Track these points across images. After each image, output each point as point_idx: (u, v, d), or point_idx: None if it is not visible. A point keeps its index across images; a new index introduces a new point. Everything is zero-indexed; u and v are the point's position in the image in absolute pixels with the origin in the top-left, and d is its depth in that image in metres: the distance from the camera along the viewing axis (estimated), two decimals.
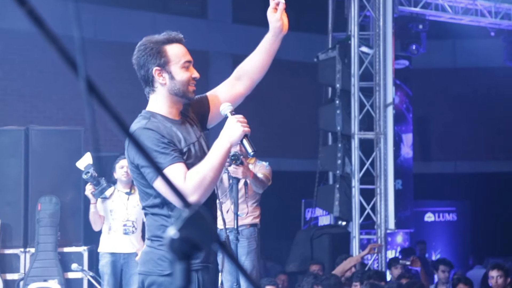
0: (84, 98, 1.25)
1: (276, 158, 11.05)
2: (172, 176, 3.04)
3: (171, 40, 3.34)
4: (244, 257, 6.78)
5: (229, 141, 3.24)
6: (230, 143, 3.23)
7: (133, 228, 7.20)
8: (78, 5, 1.33)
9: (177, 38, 3.37)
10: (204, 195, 3.09)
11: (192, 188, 3.06)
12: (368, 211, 9.75)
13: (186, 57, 3.33)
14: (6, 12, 10.34)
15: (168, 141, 3.18)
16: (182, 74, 3.29)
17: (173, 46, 3.33)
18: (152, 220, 3.31)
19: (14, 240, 7.85)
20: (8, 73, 10.70)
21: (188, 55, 3.34)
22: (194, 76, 3.33)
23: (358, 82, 9.84)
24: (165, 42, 3.33)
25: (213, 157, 3.18)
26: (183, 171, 3.11)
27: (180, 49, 3.34)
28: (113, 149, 9.04)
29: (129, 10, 12.38)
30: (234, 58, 13.61)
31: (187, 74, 3.31)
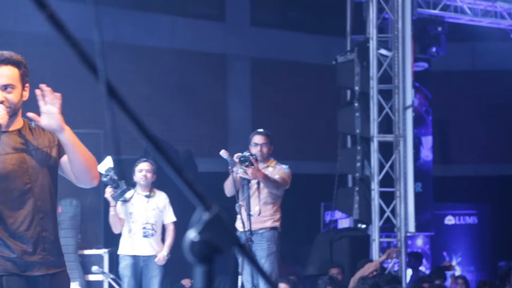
0: (104, 101, 1.26)
1: (295, 161, 11.02)
2: None
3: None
4: (263, 259, 6.78)
5: None
6: None
7: (152, 231, 7.22)
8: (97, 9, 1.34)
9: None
10: None
11: None
12: (388, 214, 9.71)
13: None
14: (26, 15, 10.42)
15: None
16: None
17: None
18: None
19: None
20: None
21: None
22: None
23: (377, 85, 9.81)
24: None
25: None
26: None
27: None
28: (132, 152, 9.08)
29: (148, 14, 12.43)
30: (252, 60, 13.62)
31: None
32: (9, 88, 3.41)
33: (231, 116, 13.35)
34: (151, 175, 7.30)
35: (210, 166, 10.36)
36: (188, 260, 1.26)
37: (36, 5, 1.20)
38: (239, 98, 13.40)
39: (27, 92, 3.52)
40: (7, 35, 10.06)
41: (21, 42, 10.55)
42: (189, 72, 12.57)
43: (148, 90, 11.83)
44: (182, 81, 12.44)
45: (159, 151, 1.28)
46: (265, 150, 7.01)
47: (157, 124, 11.10)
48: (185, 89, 12.55)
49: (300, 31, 13.98)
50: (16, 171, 3.43)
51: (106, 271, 7.64)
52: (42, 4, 1.20)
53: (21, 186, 3.44)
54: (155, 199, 7.31)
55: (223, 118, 13.28)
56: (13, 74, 3.44)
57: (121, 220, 7.19)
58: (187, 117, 12.63)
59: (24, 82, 3.50)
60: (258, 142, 7.02)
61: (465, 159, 14.84)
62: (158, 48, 12.40)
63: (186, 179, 1.28)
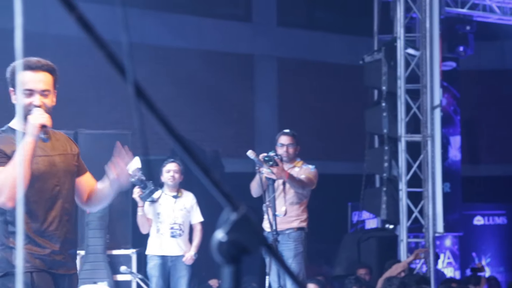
0: (132, 102, 1.27)
1: (322, 161, 11.00)
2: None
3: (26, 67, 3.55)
4: (290, 260, 6.78)
5: (28, 134, 3.45)
6: (30, 136, 3.44)
7: (180, 231, 7.25)
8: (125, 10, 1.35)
9: (32, 66, 3.58)
10: (13, 193, 3.37)
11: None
12: (416, 214, 9.66)
13: (27, 85, 3.54)
14: (55, 18, 10.52)
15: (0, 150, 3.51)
16: (22, 100, 3.55)
17: (22, 73, 3.56)
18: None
19: None
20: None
21: (33, 84, 3.55)
22: (35, 103, 3.54)
23: (404, 84, 9.76)
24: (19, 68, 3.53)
25: (16, 155, 3.45)
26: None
27: (26, 77, 3.55)
28: (160, 153, 9.11)
29: (175, 15, 12.48)
30: (279, 61, 13.61)
31: (27, 100, 3.54)
32: (45, 94, 3.59)
33: (257, 116, 13.35)
34: (179, 175, 7.33)
35: (237, 167, 10.38)
36: (215, 261, 1.27)
37: (65, 7, 1.21)
38: (265, 99, 13.40)
39: (55, 98, 3.70)
40: (36, 38, 10.16)
41: (50, 45, 10.65)
42: (216, 72, 12.60)
43: (175, 91, 11.87)
44: (209, 82, 12.47)
45: (187, 151, 1.29)
46: (291, 151, 7.01)
47: (184, 125, 11.14)
48: (212, 90, 12.58)
49: (327, 31, 13.94)
50: (48, 172, 3.61)
51: (134, 271, 7.68)
52: (71, 6, 1.21)
53: (52, 188, 3.62)
54: (182, 199, 7.34)
55: (250, 119, 13.29)
56: (49, 80, 3.62)
57: (149, 221, 7.23)
58: (214, 117, 12.66)
59: (55, 88, 3.68)
60: (284, 143, 7.02)
61: (494, 159, 14.70)
62: (185, 49, 12.44)
63: (213, 179, 1.29)
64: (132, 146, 8.34)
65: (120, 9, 1.35)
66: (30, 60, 3.58)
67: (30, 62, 3.57)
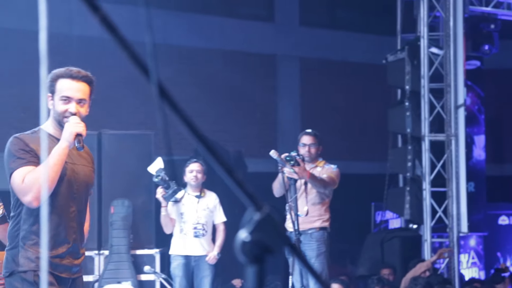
0: (155, 102, 1.27)
1: (345, 161, 10.97)
2: (15, 178, 3.57)
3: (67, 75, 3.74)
4: (313, 259, 6.77)
5: (64, 140, 3.61)
6: (66, 142, 3.60)
7: (203, 231, 7.26)
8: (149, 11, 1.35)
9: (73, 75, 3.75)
10: (41, 194, 3.50)
11: (27, 187, 3.53)
12: (440, 214, 9.61)
13: (66, 92, 3.70)
14: (79, 19, 10.58)
15: (30, 149, 3.62)
16: (58, 105, 3.71)
17: (62, 80, 3.72)
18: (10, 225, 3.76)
19: (89, 243, 7.97)
20: None
21: (72, 91, 3.71)
22: (71, 111, 3.70)
23: (428, 84, 9.71)
24: (60, 76, 3.73)
25: (50, 157, 3.58)
26: (25, 173, 3.56)
27: (65, 84, 3.72)
28: (183, 153, 9.14)
29: (198, 15, 12.51)
30: (301, 60, 13.60)
31: (64, 107, 3.70)
32: (82, 103, 3.74)
33: (280, 116, 13.35)
34: (202, 175, 7.34)
35: (260, 167, 10.38)
36: (239, 260, 1.27)
37: (89, 8, 1.22)
38: (288, 98, 13.39)
39: (88, 108, 3.84)
40: (61, 39, 10.24)
41: (74, 46, 10.73)
42: (238, 73, 12.61)
43: (198, 91, 11.90)
44: (232, 82, 12.48)
45: (210, 151, 1.29)
46: (313, 151, 7.00)
47: (207, 125, 11.17)
48: (234, 90, 12.59)
49: (349, 31, 13.90)
50: (69, 180, 3.72)
51: (158, 271, 7.71)
52: (95, 7, 1.22)
53: (69, 195, 3.73)
54: (205, 199, 7.36)
55: (272, 119, 13.29)
56: (86, 91, 3.77)
57: (172, 221, 7.25)
58: (236, 117, 12.67)
59: (90, 99, 3.83)
60: (306, 143, 7.01)
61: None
62: (208, 49, 12.47)
63: (237, 179, 1.29)
64: (155, 147, 8.41)
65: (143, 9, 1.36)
66: (72, 70, 3.75)
67: (71, 71, 3.74)
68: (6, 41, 10.41)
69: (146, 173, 7.11)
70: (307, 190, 6.82)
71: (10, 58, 10.24)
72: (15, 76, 10.17)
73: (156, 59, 1.29)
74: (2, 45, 10.35)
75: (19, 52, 9.96)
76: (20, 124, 3.92)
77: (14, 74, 10.19)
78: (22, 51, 9.40)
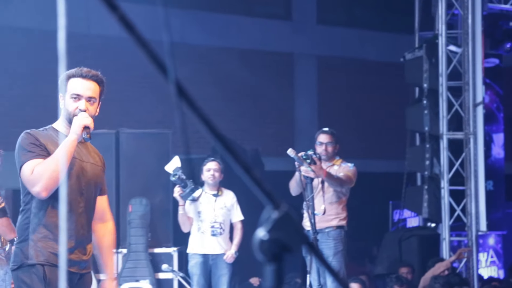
0: (173, 101, 1.27)
1: (363, 160, 10.94)
2: (25, 170, 3.66)
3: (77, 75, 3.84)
4: (330, 258, 6.76)
5: (72, 132, 3.70)
6: (74, 135, 3.68)
7: (220, 230, 7.28)
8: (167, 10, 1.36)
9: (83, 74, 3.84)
10: (49, 184, 3.59)
11: (35, 178, 3.62)
12: (458, 212, 9.56)
13: (76, 90, 3.79)
14: (97, 18, 10.63)
15: (40, 144, 3.71)
16: (69, 103, 3.80)
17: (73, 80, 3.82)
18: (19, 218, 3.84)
19: None
20: None
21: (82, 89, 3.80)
22: (80, 108, 3.77)
23: (446, 82, 9.66)
24: (71, 75, 3.82)
25: (58, 150, 3.66)
26: (34, 165, 3.64)
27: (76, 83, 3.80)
28: (200, 151, 9.16)
29: (214, 14, 12.52)
30: (319, 59, 13.57)
31: (74, 105, 3.78)
32: (91, 101, 3.82)
33: (297, 115, 13.33)
34: (219, 174, 7.35)
35: (277, 165, 10.37)
36: (257, 259, 1.27)
37: (107, 7, 1.23)
38: (305, 97, 13.37)
39: (99, 109, 3.92)
40: (79, 38, 10.28)
41: (92, 45, 10.78)
42: (256, 71, 12.61)
43: (215, 90, 11.91)
44: (249, 81, 12.48)
45: (228, 150, 1.29)
46: (330, 149, 6.99)
47: (224, 124, 11.18)
48: (252, 89, 12.59)
49: (367, 29, 13.86)
50: (77, 175, 3.79)
51: (175, 270, 7.73)
52: (113, 6, 1.22)
53: (78, 190, 3.79)
54: (222, 198, 7.36)
55: (289, 117, 13.28)
56: (96, 90, 3.85)
57: (190, 219, 7.26)
58: (254, 116, 12.67)
59: (100, 99, 3.90)
60: (323, 141, 7.01)
61: None
62: (225, 48, 12.48)
63: (254, 178, 1.29)
64: (173, 145, 8.42)
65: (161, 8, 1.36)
66: (82, 69, 3.84)
67: (81, 70, 3.83)
68: (25, 41, 10.47)
69: (163, 172, 7.13)
70: (324, 189, 6.81)
71: (29, 57, 10.31)
72: (34, 76, 10.23)
73: (174, 58, 1.30)
74: (22, 45, 10.42)
75: (38, 51, 10.02)
76: (37, 123, 3.94)
77: (33, 74, 10.25)
78: (41, 50, 9.45)
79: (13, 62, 10.20)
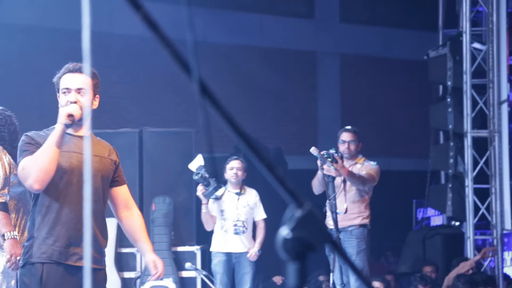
0: (197, 100, 1.28)
1: (386, 158, 10.91)
2: (19, 168, 3.74)
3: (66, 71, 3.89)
4: (353, 257, 6.74)
5: (58, 123, 3.73)
6: (60, 125, 3.72)
7: (243, 228, 7.28)
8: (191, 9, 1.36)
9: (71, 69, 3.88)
10: (39, 176, 3.64)
11: (26, 172, 3.68)
12: (483, 211, 9.50)
13: (64, 84, 3.84)
14: (120, 17, 10.68)
15: (35, 142, 3.76)
16: (62, 100, 3.86)
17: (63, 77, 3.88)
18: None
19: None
20: (122, 77, 11.04)
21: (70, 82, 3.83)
22: (70, 99, 3.80)
23: (470, 79, 9.60)
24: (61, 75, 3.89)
25: (46, 141, 3.71)
26: (26, 161, 3.70)
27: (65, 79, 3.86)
28: (223, 150, 9.18)
29: (238, 12, 12.53)
30: (342, 57, 13.54)
31: (65, 99, 3.82)
32: (81, 92, 3.82)
33: (320, 113, 13.31)
34: (242, 172, 7.36)
35: (299, 164, 10.37)
36: (280, 257, 1.27)
37: (131, 6, 1.23)
38: (328, 95, 13.35)
39: (97, 102, 3.92)
40: (102, 37, 10.34)
41: (116, 44, 10.84)
42: (278, 70, 12.61)
43: (237, 89, 11.93)
44: (272, 79, 12.48)
45: (251, 148, 1.29)
46: (352, 147, 6.97)
47: (247, 122, 11.19)
48: (274, 87, 12.59)
49: (390, 27, 13.80)
50: (78, 169, 3.79)
51: (198, 268, 7.75)
52: (137, 5, 1.23)
53: (80, 184, 3.79)
54: (245, 196, 7.37)
55: (312, 116, 13.26)
56: (85, 81, 3.83)
57: (213, 218, 7.28)
58: (276, 115, 12.67)
59: (95, 92, 3.90)
60: (346, 139, 6.99)
61: None
62: (248, 46, 12.49)
63: (278, 176, 1.29)
64: (196, 144, 8.45)
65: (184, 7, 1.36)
66: (69, 65, 3.89)
67: (68, 66, 3.89)
68: (50, 40, 10.56)
69: (187, 171, 7.15)
70: (346, 187, 6.79)
71: (54, 57, 10.39)
72: None
73: (197, 57, 1.30)
74: (47, 45, 10.50)
75: (62, 51, 10.10)
76: None
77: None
78: (65, 50, 9.52)
79: (39, 62, 10.29)
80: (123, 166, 8.36)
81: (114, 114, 10.45)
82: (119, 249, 7.96)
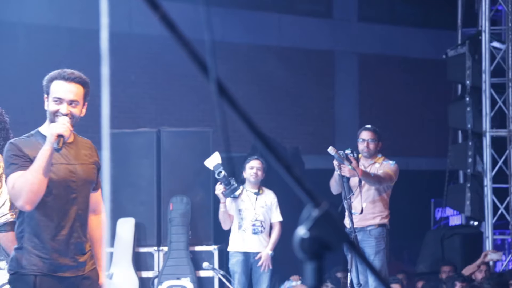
0: (214, 99, 1.28)
1: (404, 157, 10.87)
2: (8, 184, 3.70)
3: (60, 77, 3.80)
4: (372, 257, 6.72)
5: (47, 142, 3.65)
6: (49, 144, 3.63)
7: (261, 228, 7.28)
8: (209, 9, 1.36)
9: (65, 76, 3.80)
10: (30, 197, 3.61)
11: (17, 192, 3.63)
12: (502, 210, 9.45)
13: (58, 93, 3.75)
14: (139, 18, 10.72)
15: (23, 154, 3.69)
16: (51, 106, 3.77)
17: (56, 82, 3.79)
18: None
19: (148, 239, 8.10)
20: (140, 77, 11.08)
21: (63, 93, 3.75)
22: (61, 111, 3.73)
23: (489, 78, 9.55)
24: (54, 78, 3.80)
25: (35, 161, 3.63)
26: (16, 178, 3.65)
27: (58, 86, 3.77)
28: (240, 150, 9.18)
29: (255, 12, 12.53)
30: (360, 57, 13.50)
31: (56, 107, 3.75)
32: (73, 104, 3.77)
33: (338, 113, 13.29)
34: (261, 173, 7.35)
35: (317, 163, 10.35)
36: (297, 257, 1.27)
37: (149, 6, 1.24)
38: (346, 95, 13.32)
39: (85, 109, 3.87)
40: (121, 38, 10.38)
41: (134, 44, 10.88)
42: (296, 69, 12.60)
43: (255, 88, 11.93)
44: (290, 79, 12.48)
45: (269, 148, 1.30)
46: (372, 146, 6.95)
47: (264, 122, 11.19)
48: (292, 87, 12.58)
49: (408, 26, 13.75)
50: (66, 180, 3.78)
51: (216, 267, 7.76)
52: (155, 5, 1.23)
53: (69, 195, 3.79)
54: (263, 196, 7.36)
55: (330, 115, 13.24)
56: (79, 92, 3.80)
57: (231, 217, 7.28)
58: (294, 114, 12.66)
59: (85, 100, 3.85)
60: (365, 138, 6.97)
61: None
62: (265, 46, 12.49)
63: (295, 176, 1.29)
64: (214, 144, 8.46)
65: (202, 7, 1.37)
66: (65, 71, 3.80)
67: (64, 72, 3.80)
68: (69, 40, 10.61)
69: (204, 170, 7.15)
70: (362, 188, 6.76)
71: (73, 57, 10.45)
72: None
73: (215, 56, 1.30)
74: (66, 44, 10.55)
75: (81, 50, 10.15)
76: (82, 121, 3.97)
77: None
78: (84, 49, 9.57)
79: (58, 61, 10.34)
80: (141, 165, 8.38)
81: (133, 114, 10.49)
82: (137, 248, 7.98)
